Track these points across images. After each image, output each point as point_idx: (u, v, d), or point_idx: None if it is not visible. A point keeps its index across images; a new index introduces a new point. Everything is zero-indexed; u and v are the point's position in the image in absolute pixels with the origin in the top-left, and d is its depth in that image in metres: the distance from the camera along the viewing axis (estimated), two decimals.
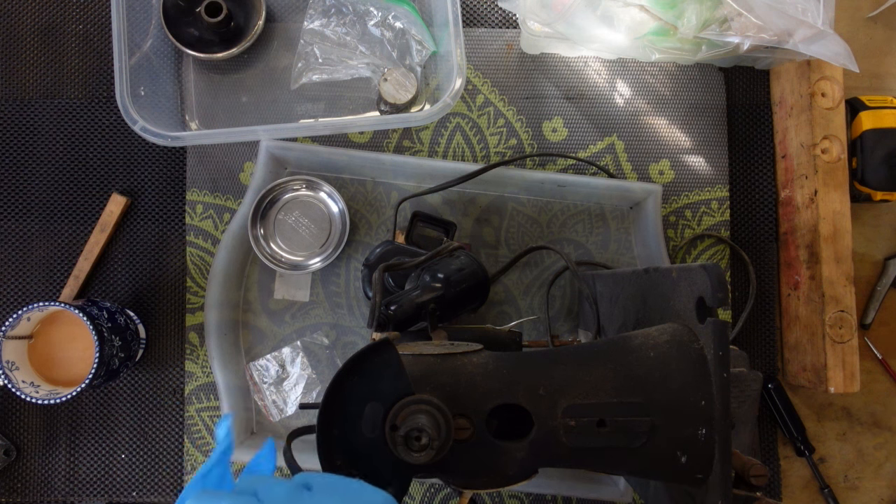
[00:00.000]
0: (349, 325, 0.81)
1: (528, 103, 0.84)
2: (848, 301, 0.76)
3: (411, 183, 0.81)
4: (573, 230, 0.82)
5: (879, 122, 0.79)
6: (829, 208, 0.77)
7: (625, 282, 0.64)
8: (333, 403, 0.45)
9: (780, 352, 0.84)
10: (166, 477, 0.80)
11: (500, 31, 0.84)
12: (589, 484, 0.77)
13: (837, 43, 0.69)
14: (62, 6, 0.83)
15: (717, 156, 0.84)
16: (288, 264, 0.79)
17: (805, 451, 0.82)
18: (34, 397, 0.72)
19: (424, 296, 0.63)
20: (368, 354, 0.45)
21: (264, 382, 0.79)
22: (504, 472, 0.48)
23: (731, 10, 0.69)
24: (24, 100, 0.82)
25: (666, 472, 0.48)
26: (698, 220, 0.84)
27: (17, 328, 0.73)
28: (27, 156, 0.82)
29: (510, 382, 0.48)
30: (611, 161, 0.84)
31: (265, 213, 0.78)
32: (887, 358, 0.85)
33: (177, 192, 0.82)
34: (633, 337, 0.51)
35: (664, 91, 0.85)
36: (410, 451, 0.43)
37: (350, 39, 0.82)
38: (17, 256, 0.81)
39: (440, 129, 0.83)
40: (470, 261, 0.68)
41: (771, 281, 0.84)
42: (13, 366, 0.73)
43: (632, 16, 0.71)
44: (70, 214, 0.81)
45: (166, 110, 0.80)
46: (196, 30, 0.80)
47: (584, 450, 0.47)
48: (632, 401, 0.47)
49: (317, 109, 0.83)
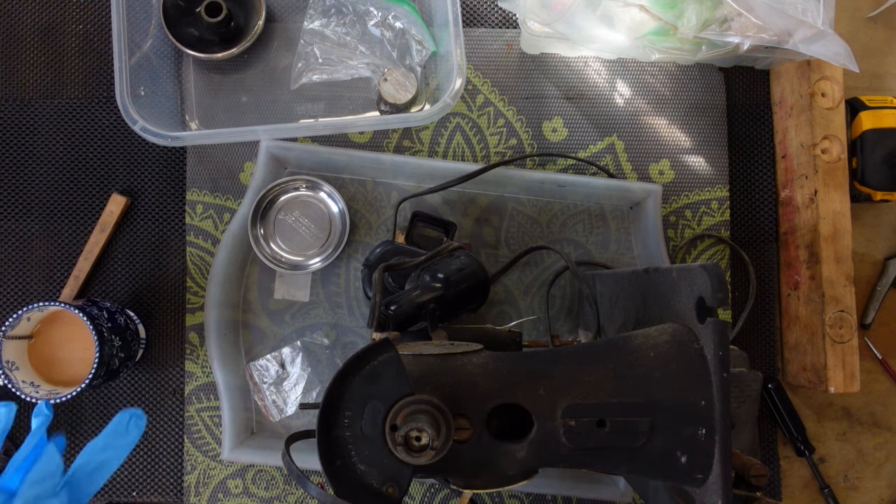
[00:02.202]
0: (349, 325, 0.81)
1: (528, 103, 0.84)
2: (848, 301, 0.76)
3: (411, 183, 0.81)
4: (573, 230, 0.82)
5: (879, 122, 0.79)
6: (829, 208, 0.77)
7: (625, 282, 0.64)
8: (333, 403, 0.45)
9: (780, 352, 0.84)
10: (166, 477, 0.80)
11: (500, 31, 0.84)
12: (589, 484, 0.77)
13: (837, 43, 0.69)
14: (62, 6, 0.83)
15: (717, 156, 0.84)
16: (288, 264, 0.79)
17: (805, 451, 0.82)
18: (34, 397, 0.72)
19: (424, 296, 0.63)
20: (368, 354, 0.45)
21: (264, 382, 0.79)
22: (504, 472, 0.48)
23: (731, 10, 0.69)
24: (24, 100, 0.82)
25: (666, 472, 0.48)
26: (698, 220, 0.84)
27: (17, 328, 0.73)
28: (27, 156, 0.82)
29: (510, 382, 0.48)
30: (611, 161, 0.84)
31: (265, 213, 0.78)
32: (887, 358, 0.85)
33: (177, 192, 0.82)
34: (633, 337, 0.51)
35: (664, 91, 0.85)
36: (410, 451, 0.43)
37: (350, 39, 0.82)
38: (17, 256, 0.81)
39: (440, 129, 0.83)
40: (470, 261, 0.68)
41: (771, 281, 0.84)
42: (13, 366, 0.73)
43: (632, 16, 0.71)
44: (70, 214, 0.82)
45: (166, 110, 0.80)
46: (196, 30, 0.80)
47: (584, 450, 0.47)
48: (632, 401, 0.47)
49: (317, 109, 0.83)
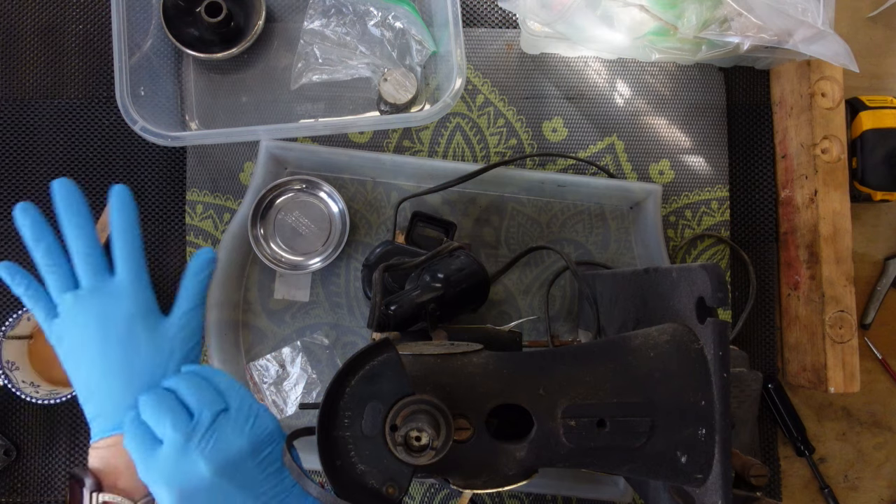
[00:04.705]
0: (349, 325, 0.81)
1: (528, 103, 0.84)
2: (848, 301, 0.76)
3: (411, 183, 0.81)
4: (573, 230, 0.82)
5: (879, 122, 0.79)
6: (829, 208, 0.77)
7: (625, 282, 0.64)
8: (333, 403, 0.45)
9: (780, 352, 0.84)
10: None
11: (500, 31, 0.84)
12: (589, 484, 0.77)
13: (837, 43, 0.69)
14: (62, 6, 0.83)
15: (717, 156, 0.84)
16: (288, 264, 0.79)
17: (805, 451, 0.82)
18: (34, 397, 0.72)
19: (424, 296, 0.63)
20: (368, 354, 0.45)
21: (264, 382, 0.79)
22: (504, 472, 0.48)
23: (731, 10, 0.69)
24: (24, 100, 0.82)
25: (666, 472, 0.48)
26: (698, 220, 0.84)
27: (17, 328, 0.73)
28: (27, 156, 0.82)
29: (510, 382, 0.48)
30: (611, 161, 0.84)
31: (265, 213, 0.78)
32: (887, 358, 0.85)
33: (177, 192, 0.82)
34: (633, 337, 0.51)
35: (664, 91, 0.85)
36: (410, 451, 0.43)
37: (350, 39, 0.82)
38: (17, 256, 0.81)
39: (440, 129, 0.83)
40: (470, 261, 0.68)
41: (771, 281, 0.84)
42: (13, 366, 0.73)
43: (632, 16, 0.71)
44: None
45: (166, 110, 0.80)
46: (196, 30, 0.80)
47: (584, 450, 0.47)
48: (632, 401, 0.47)
49: (317, 109, 0.83)
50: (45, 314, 0.53)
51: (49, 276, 0.53)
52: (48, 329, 0.54)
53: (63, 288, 0.53)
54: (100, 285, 0.53)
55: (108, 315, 0.52)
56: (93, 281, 0.53)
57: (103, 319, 0.52)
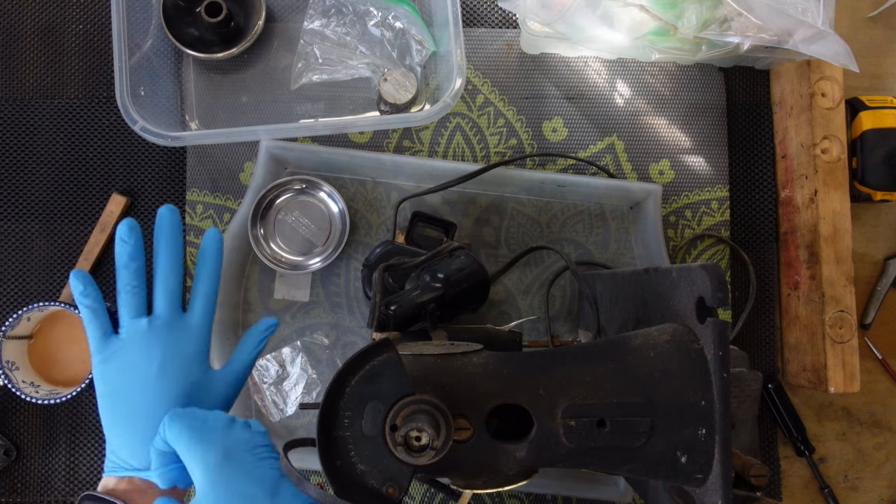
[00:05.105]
0: (349, 325, 0.81)
1: (528, 103, 0.84)
2: (848, 301, 0.76)
3: (411, 183, 0.81)
4: (573, 230, 0.82)
5: (879, 122, 0.79)
6: (829, 208, 0.77)
7: (625, 282, 0.64)
8: (333, 403, 0.45)
9: (780, 352, 0.84)
10: None
11: (500, 31, 0.84)
12: (589, 484, 0.77)
13: (837, 43, 0.69)
14: (62, 6, 0.83)
15: (717, 156, 0.84)
16: (288, 264, 0.79)
17: (805, 451, 0.82)
18: (34, 397, 0.72)
19: (424, 296, 0.63)
20: (368, 354, 0.45)
21: (264, 382, 0.79)
22: (504, 472, 0.48)
23: (731, 10, 0.69)
24: (24, 100, 0.82)
25: (666, 472, 0.48)
26: (698, 220, 0.84)
27: (17, 328, 0.73)
28: (27, 156, 0.82)
29: (510, 382, 0.48)
30: (611, 161, 0.84)
31: (265, 213, 0.78)
32: (887, 358, 0.85)
33: (177, 192, 0.82)
34: (633, 337, 0.51)
35: (664, 91, 0.85)
36: (410, 451, 0.43)
37: (350, 39, 0.82)
38: (17, 256, 0.81)
39: (440, 129, 0.83)
40: (470, 261, 0.68)
41: (771, 281, 0.84)
42: (13, 366, 0.73)
43: (632, 16, 0.71)
44: (70, 214, 0.81)
45: (166, 110, 0.80)
46: (196, 30, 0.80)
47: (584, 450, 0.47)
48: (632, 401, 0.47)
49: (317, 109, 0.83)
50: (101, 331, 0.54)
51: (128, 297, 0.54)
52: (100, 345, 0.54)
53: (137, 312, 0.54)
54: (174, 320, 0.55)
55: (174, 349, 0.54)
56: (170, 313, 0.55)
57: (168, 351, 0.54)
